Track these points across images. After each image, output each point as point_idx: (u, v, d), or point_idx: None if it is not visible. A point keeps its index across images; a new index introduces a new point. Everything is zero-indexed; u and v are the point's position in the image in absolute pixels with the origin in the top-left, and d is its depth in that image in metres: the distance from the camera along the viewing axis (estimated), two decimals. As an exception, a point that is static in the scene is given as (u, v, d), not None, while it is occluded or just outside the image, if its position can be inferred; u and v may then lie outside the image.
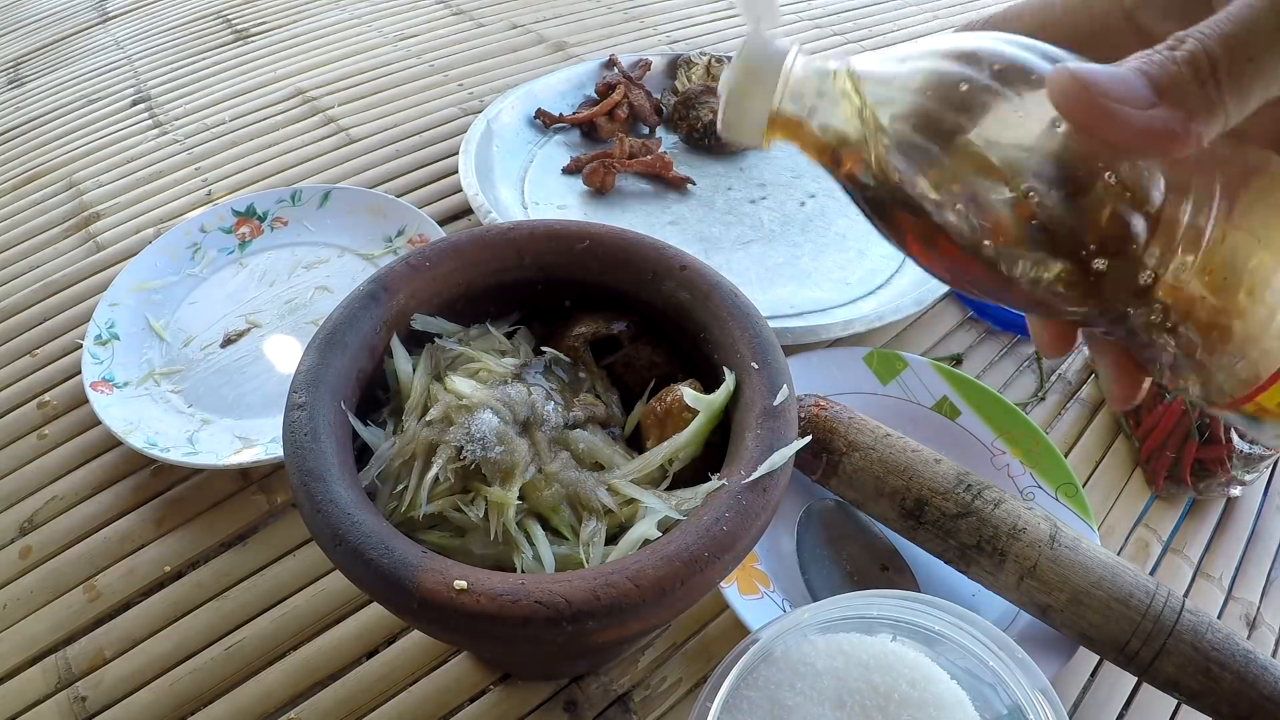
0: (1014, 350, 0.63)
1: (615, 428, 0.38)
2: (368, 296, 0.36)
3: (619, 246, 0.39)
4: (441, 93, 0.85)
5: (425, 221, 0.64)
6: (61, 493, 0.50)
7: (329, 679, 0.42)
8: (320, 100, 0.83)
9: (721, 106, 0.24)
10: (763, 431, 0.32)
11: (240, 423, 0.52)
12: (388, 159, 0.75)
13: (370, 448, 0.35)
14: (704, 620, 0.45)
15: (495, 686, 0.42)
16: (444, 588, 0.27)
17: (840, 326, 0.57)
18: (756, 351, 0.35)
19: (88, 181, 0.74)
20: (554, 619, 0.26)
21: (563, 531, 0.33)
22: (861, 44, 1.00)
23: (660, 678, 0.43)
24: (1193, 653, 0.38)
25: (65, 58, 0.93)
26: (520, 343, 0.40)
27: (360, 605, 0.45)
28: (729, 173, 0.75)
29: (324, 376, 0.33)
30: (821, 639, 0.31)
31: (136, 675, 0.42)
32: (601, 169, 0.70)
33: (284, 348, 0.57)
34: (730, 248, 0.67)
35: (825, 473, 0.45)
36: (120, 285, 0.58)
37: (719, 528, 0.29)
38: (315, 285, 0.62)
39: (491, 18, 0.99)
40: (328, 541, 0.28)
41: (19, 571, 0.47)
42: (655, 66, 0.83)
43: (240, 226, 0.64)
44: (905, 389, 0.54)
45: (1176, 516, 0.54)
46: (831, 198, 0.73)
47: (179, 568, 0.47)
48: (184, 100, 0.84)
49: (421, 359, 0.37)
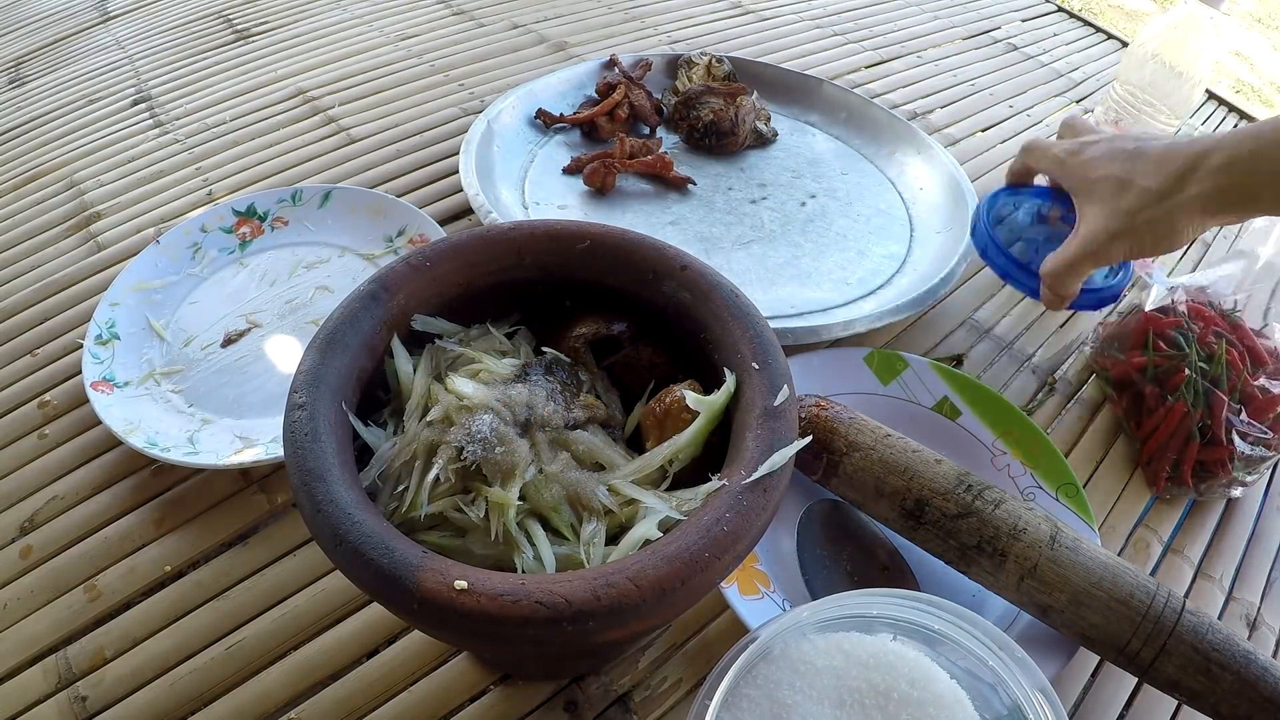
0: (1014, 350, 0.63)
1: (615, 428, 0.38)
2: (368, 296, 0.36)
3: (619, 247, 0.39)
4: (442, 93, 0.85)
5: (426, 221, 0.64)
6: (62, 492, 0.50)
7: (329, 679, 0.42)
8: (321, 100, 0.83)
9: None
10: (763, 432, 0.32)
11: (240, 422, 0.52)
12: (388, 159, 0.75)
13: (371, 448, 0.35)
14: (704, 620, 0.45)
15: (495, 686, 0.42)
16: (444, 588, 0.27)
17: (841, 327, 0.57)
18: (757, 352, 0.35)
19: (88, 181, 0.74)
20: (554, 619, 0.26)
21: (563, 532, 0.33)
22: (861, 44, 1.00)
23: (660, 678, 0.43)
24: (1193, 653, 0.38)
25: (66, 57, 0.93)
26: (520, 343, 0.40)
27: (360, 605, 0.45)
28: (729, 173, 0.75)
29: (324, 376, 0.33)
30: (821, 638, 0.31)
31: (137, 675, 0.42)
32: (602, 169, 0.70)
33: (284, 348, 0.57)
34: (731, 248, 0.67)
35: (825, 473, 0.45)
36: (121, 285, 0.58)
37: (719, 528, 0.29)
38: (316, 285, 0.62)
39: (492, 18, 0.99)
40: (328, 542, 0.28)
41: (19, 571, 0.47)
42: (656, 66, 0.83)
43: (241, 226, 0.64)
44: (906, 389, 0.54)
45: (1177, 517, 0.54)
46: (832, 198, 0.73)
47: (179, 567, 0.47)
48: (185, 100, 0.84)
49: (422, 359, 0.37)
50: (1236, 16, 3.24)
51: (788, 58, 0.95)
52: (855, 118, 0.81)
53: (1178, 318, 0.58)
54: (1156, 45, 0.59)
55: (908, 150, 0.77)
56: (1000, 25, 1.10)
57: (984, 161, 0.83)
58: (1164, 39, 0.59)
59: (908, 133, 0.78)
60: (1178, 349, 0.57)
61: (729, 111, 0.75)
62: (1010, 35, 1.07)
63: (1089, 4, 2.98)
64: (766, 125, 0.79)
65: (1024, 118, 0.91)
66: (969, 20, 1.09)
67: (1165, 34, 0.59)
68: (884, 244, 0.69)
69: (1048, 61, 1.03)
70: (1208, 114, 1.00)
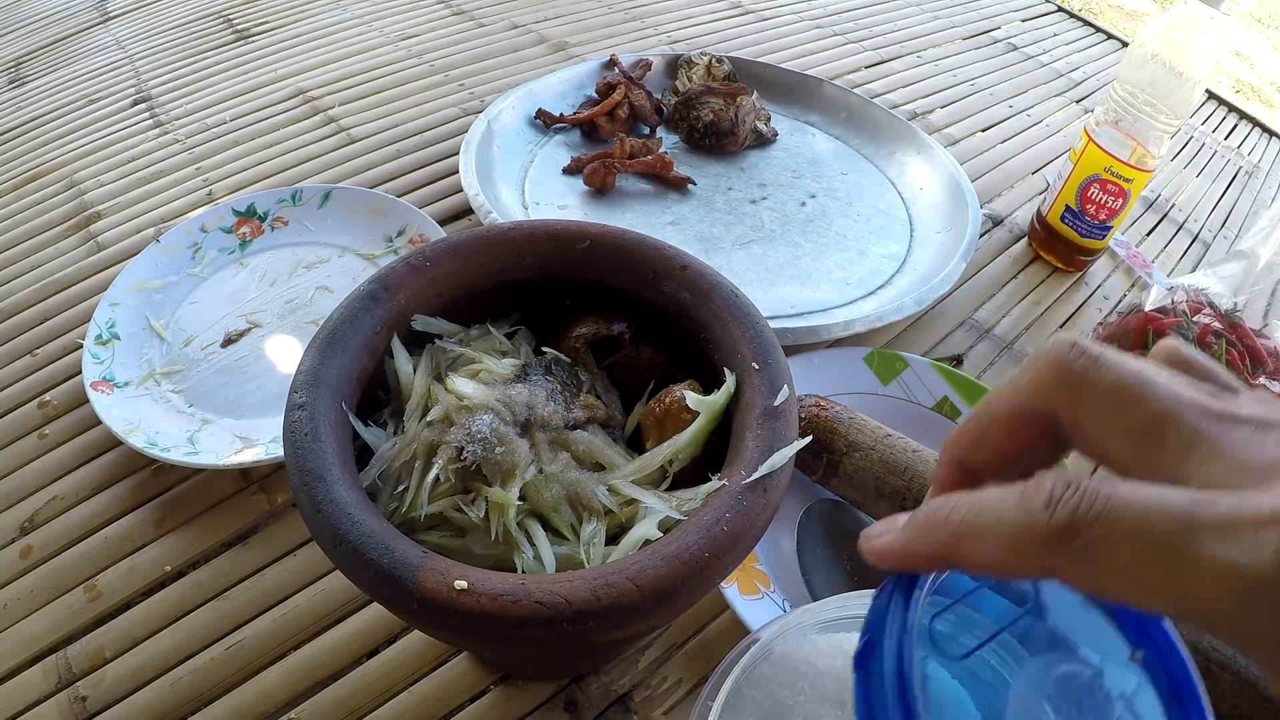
0: (1014, 350, 0.63)
1: (615, 428, 0.38)
2: (368, 296, 0.36)
3: (619, 247, 0.39)
4: (442, 93, 0.85)
5: (426, 221, 0.64)
6: (62, 492, 0.50)
7: (329, 679, 0.42)
8: (321, 100, 0.83)
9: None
10: (763, 432, 0.32)
11: (240, 423, 0.52)
12: (388, 159, 0.75)
13: (371, 448, 0.35)
14: (704, 620, 0.45)
15: (495, 686, 0.42)
16: (444, 588, 0.27)
17: (841, 327, 0.57)
18: (757, 352, 0.35)
19: (88, 181, 0.74)
20: (554, 619, 0.26)
21: (563, 532, 0.33)
22: (861, 44, 1.00)
23: (660, 678, 0.43)
24: (1192, 653, 0.38)
25: (66, 57, 0.93)
26: (520, 343, 0.40)
27: (360, 605, 0.45)
28: (729, 173, 0.75)
29: (324, 376, 0.33)
30: (822, 638, 0.31)
31: (137, 675, 0.42)
32: (602, 169, 0.70)
33: (284, 348, 0.57)
34: (731, 248, 0.67)
35: (825, 473, 0.45)
36: (121, 285, 0.58)
37: (719, 528, 0.29)
38: (316, 285, 0.62)
39: (492, 18, 0.99)
40: (328, 542, 0.28)
41: (19, 571, 0.47)
42: (656, 66, 0.83)
43: (241, 226, 0.64)
44: (906, 389, 0.54)
45: (1177, 517, 0.54)
46: (832, 198, 0.73)
47: (179, 567, 0.47)
48: (185, 100, 0.84)
49: (422, 359, 0.37)
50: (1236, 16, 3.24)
51: (788, 58, 0.95)
52: (855, 118, 0.81)
53: (1178, 318, 0.58)
54: (1156, 45, 0.59)
55: (908, 150, 0.77)
56: (1000, 25, 1.10)
57: (984, 161, 0.83)
58: (1164, 39, 0.59)
59: (908, 133, 0.78)
60: (1178, 349, 0.56)
61: (729, 111, 0.75)
62: (1010, 35, 1.07)
63: (1089, 4, 2.98)
64: (766, 125, 0.79)
65: (1024, 118, 0.92)
66: (969, 20, 1.09)
67: (1165, 34, 0.59)
68: (884, 244, 0.69)
69: (1048, 61, 1.03)
70: (1208, 114, 1.01)
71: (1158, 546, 0.15)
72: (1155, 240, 0.79)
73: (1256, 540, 0.15)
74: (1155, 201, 0.83)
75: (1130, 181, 0.64)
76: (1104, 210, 0.66)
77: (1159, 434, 0.18)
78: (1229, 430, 0.17)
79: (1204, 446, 0.17)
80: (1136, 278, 0.73)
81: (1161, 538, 0.15)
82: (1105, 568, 0.16)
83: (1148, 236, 0.79)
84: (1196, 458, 0.17)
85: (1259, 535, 0.15)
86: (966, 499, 0.19)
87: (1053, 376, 0.19)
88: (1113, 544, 0.16)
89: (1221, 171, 0.90)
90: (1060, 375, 0.19)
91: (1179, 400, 0.18)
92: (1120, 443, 0.18)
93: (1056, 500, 0.17)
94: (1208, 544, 0.15)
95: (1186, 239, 0.80)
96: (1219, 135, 0.97)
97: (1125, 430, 0.18)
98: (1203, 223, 0.82)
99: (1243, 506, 0.15)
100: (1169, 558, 0.15)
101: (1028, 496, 0.17)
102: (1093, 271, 0.72)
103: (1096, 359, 0.19)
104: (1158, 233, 0.80)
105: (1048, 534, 0.16)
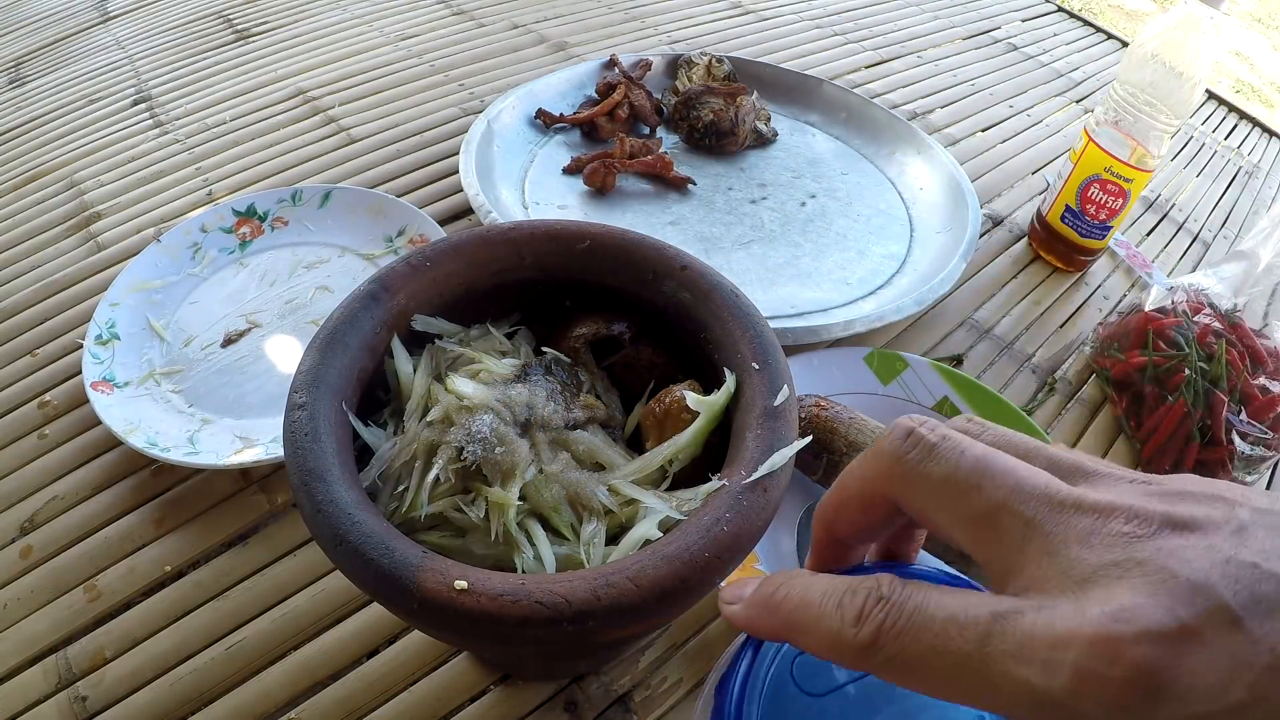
0: (1014, 350, 0.63)
1: (615, 428, 0.38)
2: (368, 296, 0.36)
3: (619, 247, 0.39)
4: (442, 93, 0.85)
5: (425, 221, 0.64)
6: (62, 492, 0.50)
7: (329, 679, 0.42)
8: (321, 100, 0.83)
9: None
10: (763, 432, 0.32)
11: (240, 423, 0.52)
12: (388, 159, 0.75)
13: (371, 448, 0.35)
14: (704, 620, 0.45)
15: (495, 686, 0.42)
16: (444, 588, 0.27)
17: (841, 327, 0.57)
18: (757, 352, 0.35)
19: (88, 181, 0.74)
20: (554, 619, 0.26)
21: (563, 532, 0.33)
22: (861, 44, 1.00)
23: (660, 678, 0.43)
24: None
25: (66, 57, 0.93)
26: (520, 343, 0.40)
27: (360, 605, 0.45)
28: (729, 173, 0.75)
29: (324, 376, 0.33)
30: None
31: (136, 675, 0.42)
32: (602, 169, 0.70)
33: (284, 348, 0.57)
34: (731, 248, 0.67)
35: (826, 473, 0.45)
36: (121, 285, 0.58)
37: (719, 528, 0.29)
38: (316, 285, 0.62)
39: (492, 18, 0.99)
40: (328, 542, 0.28)
41: (19, 571, 0.47)
42: (656, 66, 0.83)
43: (241, 226, 0.64)
44: (906, 389, 0.54)
45: (1177, 517, 0.53)
46: (832, 198, 0.73)
47: (179, 568, 0.47)
48: (185, 100, 0.84)
49: (422, 359, 0.37)
50: (1236, 16, 3.24)
51: (788, 58, 0.95)
52: (855, 118, 0.81)
53: (1178, 317, 0.58)
54: (1156, 45, 0.59)
55: (908, 150, 0.77)
56: (1000, 25, 1.10)
57: (984, 161, 0.83)
58: (1164, 39, 0.59)
59: (908, 133, 0.78)
60: (1177, 349, 0.57)
61: (729, 111, 0.75)
62: (1010, 35, 1.07)
63: (1089, 4, 2.98)
64: (766, 125, 0.79)
65: (1024, 118, 0.92)
66: (969, 20, 1.09)
67: (1165, 34, 0.59)
68: (884, 244, 0.69)
69: (1048, 61, 1.03)
70: (1208, 114, 1.01)
71: (954, 663, 0.17)
72: (1155, 240, 0.79)
73: (1051, 661, 0.15)
74: (1155, 201, 0.83)
75: (1130, 181, 0.64)
76: (1104, 210, 0.66)
77: (994, 524, 0.18)
78: (1068, 521, 0.17)
79: (1039, 539, 0.17)
80: (1136, 278, 0.73)
81: (955, 657, 0.17)
82: (910, 678, 0.17)
83: (1148, 236, 0.79)
84: (1031, 551, 0.17)
85: (1053, 656, 0.15)
86: (799, 586, 0.20)
87: (889, 467, 0.20)
88: (911, 660, 0.17)
89: (1221, 171, 0.90)
90: (895, 466, 0.20)
91: (1018, 489, 0.18)
92: (960, 531, 0.19)
93: (865, 616, 0.18)
94: (1004, 662, 0.16)
95: (1186, 239, 0.80)
96: (1219, 135, 0.97)
97: (961, 519, 0.19)
98: (1203, 223, 0.82)
99: (1041, 625, 0.16)
100: (966, 673, 0.16)
101: (843, 606, 0.18)
102: (1093, 271, 0.72)
103: (931, 449, 0.19)
104: (1158, 233, 0.80)
105: (855, 647, 0.18)
